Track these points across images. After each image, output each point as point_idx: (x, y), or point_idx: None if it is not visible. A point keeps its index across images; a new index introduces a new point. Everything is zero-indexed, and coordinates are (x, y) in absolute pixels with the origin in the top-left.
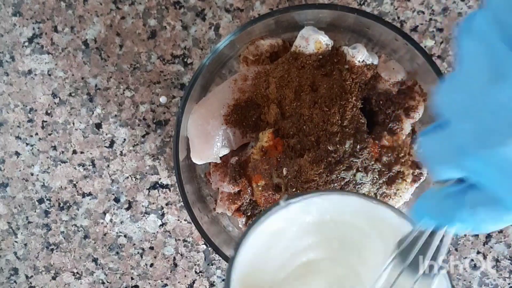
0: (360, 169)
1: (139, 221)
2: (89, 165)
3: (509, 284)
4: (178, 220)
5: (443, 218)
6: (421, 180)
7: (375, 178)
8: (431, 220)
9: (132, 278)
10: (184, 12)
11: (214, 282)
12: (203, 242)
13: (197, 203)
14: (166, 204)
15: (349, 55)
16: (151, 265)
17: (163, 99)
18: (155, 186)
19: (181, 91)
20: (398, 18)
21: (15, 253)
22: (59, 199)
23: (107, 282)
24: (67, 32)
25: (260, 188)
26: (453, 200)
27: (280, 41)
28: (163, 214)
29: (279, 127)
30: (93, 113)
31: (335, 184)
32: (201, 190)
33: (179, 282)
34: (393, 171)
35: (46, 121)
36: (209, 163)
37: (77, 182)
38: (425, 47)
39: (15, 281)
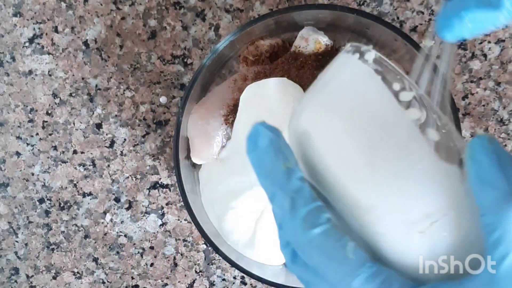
0: None
1: (139, 221)
2: (90, 165)
3: None
4: (178, 220)
5: (451, 28)
6: None
7: None
8: (449, 35)
9: (132, 278)
10: (184, 12)
11: (214, 281)
12: (203, 242)
13: (197, 203)
14: (166, 204)
15: None
16: (151, 264)
17: (163, 99)
18: (155, 186)
19: (181, 91)
20: (398, 18)
21: (16, 253)
22: (59, 199)
23: (108, 281)
24: (67, 32)
25: None
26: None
27: (280, 41)
28: (163, 214)
29: None
30: (93, 113)
31: None
32: None
33: (179, 282)
34: None
35: (46, 121)
36: None
37: (77, 182)
38: (424, 47)
39: (15, 281)
